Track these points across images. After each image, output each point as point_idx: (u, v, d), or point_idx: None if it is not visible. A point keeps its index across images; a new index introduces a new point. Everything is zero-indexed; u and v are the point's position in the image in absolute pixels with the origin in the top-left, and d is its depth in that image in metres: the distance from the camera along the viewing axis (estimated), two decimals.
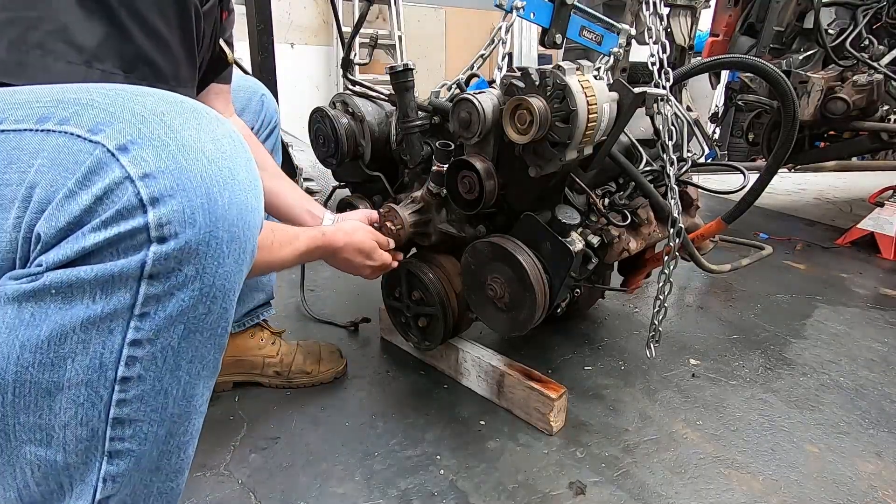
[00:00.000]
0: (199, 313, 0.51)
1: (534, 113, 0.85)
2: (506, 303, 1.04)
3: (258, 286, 1.23)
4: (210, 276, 0.50)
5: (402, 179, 1.23)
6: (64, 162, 0.46)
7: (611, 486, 0.99)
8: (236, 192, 0.51)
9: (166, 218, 0.46)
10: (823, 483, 1.01)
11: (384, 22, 5.07)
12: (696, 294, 1.85)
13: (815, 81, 2.20)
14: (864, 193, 3.18)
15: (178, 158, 0.47)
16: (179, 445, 0.57)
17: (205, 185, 0.48)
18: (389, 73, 1.07)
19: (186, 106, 0.52)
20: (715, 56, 2.57)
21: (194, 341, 0.53)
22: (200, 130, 0.50)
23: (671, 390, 1.28)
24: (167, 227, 0.46)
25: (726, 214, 1.13)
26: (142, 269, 0.47)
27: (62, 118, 0.47)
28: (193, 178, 0.48)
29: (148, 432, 0.53)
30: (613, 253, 1.12)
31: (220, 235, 0.49)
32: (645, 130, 1.24)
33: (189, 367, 0.54)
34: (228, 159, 0.51)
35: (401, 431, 1.11)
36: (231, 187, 0.50)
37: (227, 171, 0.50)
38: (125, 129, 0.47)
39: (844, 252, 2.35)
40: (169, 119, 0.49)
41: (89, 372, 0.48)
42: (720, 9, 2.58)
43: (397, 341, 1.42)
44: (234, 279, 0.53)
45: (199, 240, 0.48)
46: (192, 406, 0.56)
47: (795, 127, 1.00)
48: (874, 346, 1.52)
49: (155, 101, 0.50)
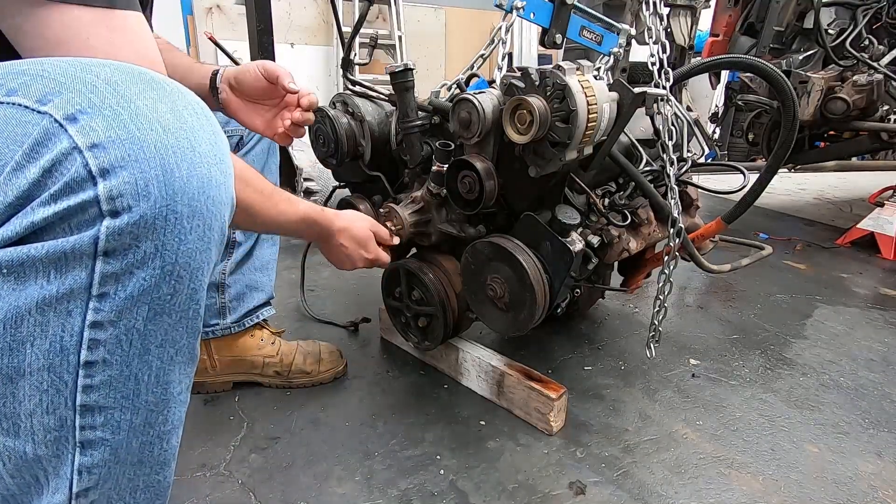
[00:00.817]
0: (163, 293, 0.49)
1: (534, 113, 0.85)
2: (506, 303, 1.04)
3: (257, 285, 1.23)
4: (172, 254, 0.47)
5: (402, 179, 1.23)
6: (11, 134, 0.44)
7: (611, 486, 0.99)
8: (196, 165, 0.48)
9: (117, 190, 0.43)
10: (823, 483, 1.01)
11: (384, 22, 5.07)
12: (696, 294, 1.86)
13: (815, 81, 2.20)
14: (864, 193, 3.18)
15: (130, 127, 0.44)
16: (160, 435, 0.55)
17: (160, 156, 0.45)
18: (389, 73, 1.07)
19: (145, 76, 0.49)
20: (715, 56, 2.58)
21: (162, 324, 0.50)
22: (158, 100, 0.47)
23: (671, 390, 1.28)
24: (119, 201, 0.44)
25: (726, 215, 1.13)
26: (95, 245, 0.44)
27: (10, 89, 0.45)
28: (147, 149, 0.45)
29: (121, 420, 0.51)
30: (613, 253, 1.12)
31: (179, 210, 0.46)
32: (645, 130, 1.24)
33: (160, 351, 0.51)
34: (188, 130, 0.48)
35: (401, 431, 1.11)
36: (190, 159, 0.47)
37: (186, 142, 0.47)
38: (74, 99, 0.44)
39: (844, 252, 2.35)
40: (123, 88, 0.46)
41: (50, 356, 0.46)
42: (720, 9, 2.58)
43: (397, 341, 1.42)
44: (201, 258, 0.50)
45: (156, 213, 0.45)
46: (169, 393, 0.54)
47: (795, 127, 0.99)
48: (874, 346, 1.52)
49: (110, 72, 0.47)
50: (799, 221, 2.83)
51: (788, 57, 2.37)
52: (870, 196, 2.62)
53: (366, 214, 1.20)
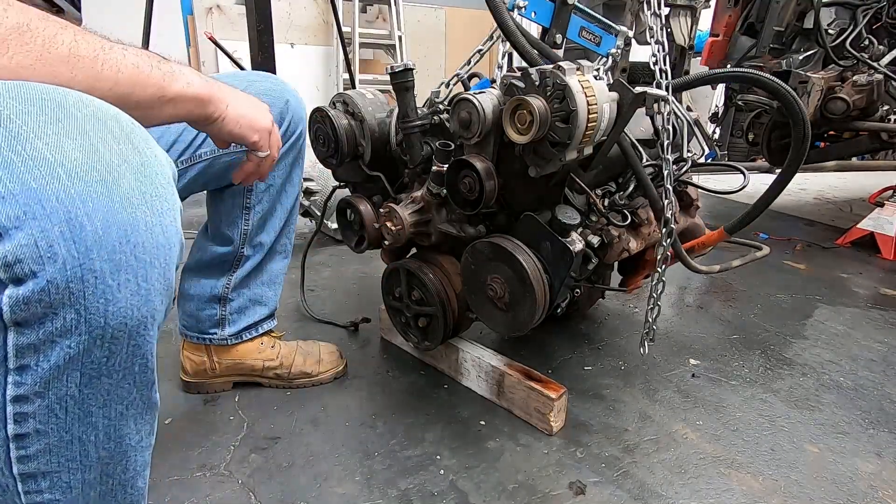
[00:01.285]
0: (97, 357, 0.44)
1: (534, 113, 0.85)
2: (506, 303, 1.04)
3: (262, 300, 1.20)
4: (99, 318, 0.42)
5: (402, 179, 1.23)
6: None
7: (611, 486, 0.99)
8: (115, 211, 0.41)
9: (13, 255, 0.38)
10: (823, 483, 1.01)
11: (384, 22, 5.07)
12: (696, 294, 1.85)
13: (815, 81, 2.20)
14: (864, 193, 3.18)
15: (25, 178, 0.38)
16: (123, 482, 0.53)
17: (64, 209, 0.39)
18: (389, 73, 1.07)
19: (47, 100, 0.41)
20: (715, 56, 2.58)
21: (101, 386, 0.46)
22: (63, 134, 0.40)
23: (671, 390, 1.28)
24: (18, 267, 0.38)
25: (729, 225, 1.12)
26: (0, 317, 0.39)
27: None
28: (47, 202, 0.38)
29: (71, 480, 0.48)
30: (613, 253, 1.12)
31: (98, 267, 0.40)
32: (645, 130, 1.24)
33: (104, 411, 0.47)
34: (104, 169, 0.41)
35: (401, 431, 1.11)
36: (106, 206, 0.40)
37: (101, 186, 0.40)
38: None
39: (844, 252, 2.35)
40: (16, 125, 0.39)
41: None
42: (720, 9, 2.58)
43: (397, 341, 1.42)
44: (140, 313, 0.44)
45: (68, 276, 0.39)
46: (126, 445, 0.51)
47: (806, 146, 0.96)
48: (874, 346, 1.52)
49: (1, 102, 0.39)
50: (799, 221, 2.83)
51: (788, 57, 2.37)
52: (870, 196, 2.62)
53: (366, 214, 1.20)
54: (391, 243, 1.14)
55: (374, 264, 1.99)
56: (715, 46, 2.62)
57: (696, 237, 1.39)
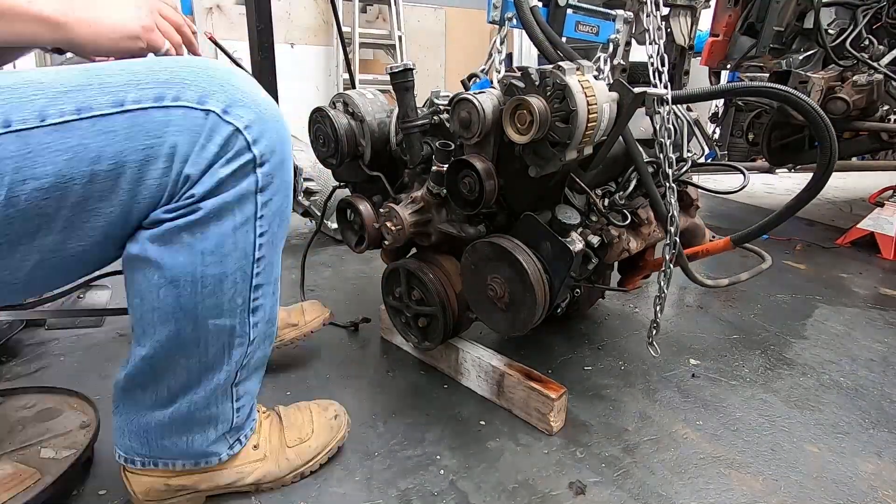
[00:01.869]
0: (283, 206, 0.76)
1: (534, 113, 0.85)
2: (506, 303, 1.04)
3: None
4: (286, 182, 0.75)
5: (402, 179, 1.23)
6: (191, 126, 0.64)
7: (611, 486, 0.99)
8: (284, 127, 0.73)
9: (261, 150, 0.69)
10: (823, 483, 1.01)
11: (384, 22, 5.07)
12: (696, 294, 1.86)
13: (815, 81, 2.20)
14: (864, 193, 3.18)
15: (259, 112, 0.68)
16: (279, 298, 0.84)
17: (276, 127, 0.71)
18: (389, 73, 1.07)
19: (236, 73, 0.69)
20: (715, 56, 2.57)
21: (282, 225, 0.77)
22: (255, 90, 0.70)
23: (671, 390, 1.28)
24: (264, 156, 0.69)
25: (736, 237, 1.10)
26: (256, 185, 0.70)
27: (174, 96, 0.63)
28: (270, 123, 0.70)
29: (267, 291, 0.79)
30: (613, 253, 1.12)
31: (285, 155, 0.74)
32: (645, 130, 1.24)
33: (280, 242, 0.79)
34: (274, 106, 0.72)
35: (401, 431, 1.11)
36: (282, 124, 0.73)
37: (278, 114, 0.72)
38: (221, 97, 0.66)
39: (844, 252, 2.35)
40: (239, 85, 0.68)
41: (240, 260, 0.73)
42: (720, 9, 2.58)
43: (397, 341, 1.42)
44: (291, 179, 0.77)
45: (280, 160, 0.72)
46: (279, 268, 0.81)
47: (831, 169, 0.92)
48: (874, 346, 1.52)
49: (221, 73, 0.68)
50: (799, 221, 2.83)
51: (788, 57, 2.37)
52: (870, 196, 2.62)
53: (366, 214, 1.20)
54: (391, 243, 1.14)
55: (374, 264, 1.99)
56: (715, 46, 2.62)
57: (696, 237, 1.40)
